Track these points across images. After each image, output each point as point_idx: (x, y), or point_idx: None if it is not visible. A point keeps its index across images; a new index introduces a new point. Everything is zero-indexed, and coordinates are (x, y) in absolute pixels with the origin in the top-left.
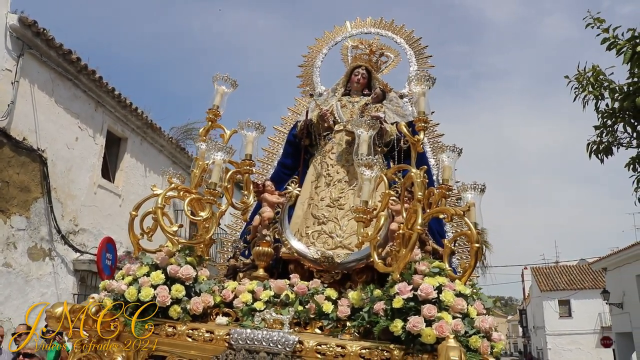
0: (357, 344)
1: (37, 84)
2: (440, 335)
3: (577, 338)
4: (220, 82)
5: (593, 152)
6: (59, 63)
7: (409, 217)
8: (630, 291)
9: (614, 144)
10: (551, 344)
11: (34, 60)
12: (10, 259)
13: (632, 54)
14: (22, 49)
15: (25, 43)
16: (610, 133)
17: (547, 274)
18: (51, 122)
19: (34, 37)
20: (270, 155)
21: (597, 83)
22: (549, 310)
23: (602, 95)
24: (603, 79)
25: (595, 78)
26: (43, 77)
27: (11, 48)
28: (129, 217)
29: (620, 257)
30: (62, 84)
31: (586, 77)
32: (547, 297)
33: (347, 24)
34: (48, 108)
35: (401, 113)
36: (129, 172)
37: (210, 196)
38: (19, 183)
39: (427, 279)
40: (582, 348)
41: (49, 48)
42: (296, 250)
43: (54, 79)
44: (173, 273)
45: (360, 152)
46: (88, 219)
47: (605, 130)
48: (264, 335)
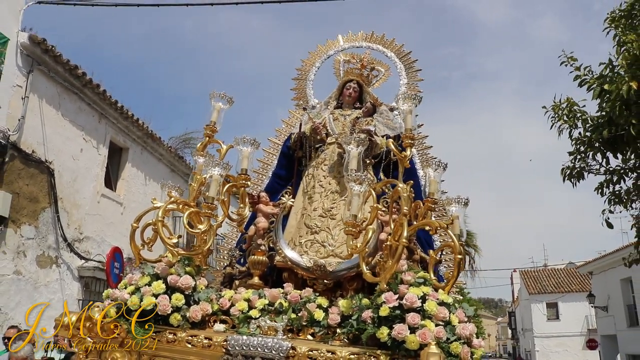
0: (347, 349)
1: (45, 99)
2: (423, 342)
3: (565, 340)
4: (217, 99)
5: (567, 177)
6: (66, 78)
7: (395, 230)
8: (615, 295)
9: (585, 170)
10: (539, 346)
11: (42, 76)
12: (20, 266)
13: (600, 90)
14: (32, 66)
15: (34, 60)
16: (582, 159)
17: (535, 277)
18: (58, 135)
19: (42, 54)
20: (265, 166)
21: (571, 114)
22: (537, 312)
23: (575, 125)
24: (577, 110)
25: (570, 109)
26: (50, 92)
27: (21, 65)
28: (130, 226)
29: (606, 262)
30: (68, 97)
31: (561, 107)
32: (535, 299)
33: (340, 37)
34: (55, 121)
35: (391, 126)
36: (130, 181)
37: (208, 210)
38: (28, 194)
39: (411, 289)
40: (569, 350)
41: (57, 64)
42: (290, 259)
43: (61, 93)
44: (173, 283)
45: (350, 167)
46: (92, 227)
47: (578, 156)
48: (259, 342)
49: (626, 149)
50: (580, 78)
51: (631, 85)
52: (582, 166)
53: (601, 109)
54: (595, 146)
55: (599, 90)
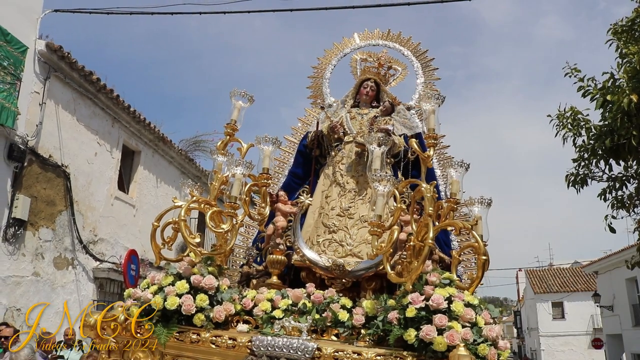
0: (373, 350)
1: (61, 104)
2: (451, 344)
3: (570, 339)
4: (237, 97)
5: (571, 183)
6: (81, 83)
7: (419, 230)
8: (620, 294)
9: (588, 176)
10: (544, 345)
11: (58, 82)
12: (38, 268)
13: (603, 101)
14: (49, 72)
15: (51, 66)
16: (586, 166)
17: (540, 276)
18: (73, 139)
19: (58, 61)
20: (281, 165)
21: (575, 122)
22: (542, 312)
23: (579, 133)
24: (580, 118)
25: (573, 118)
26: (66, 97)
27: (39, 72)
28: (142, 226)
29: (611, 261)
30: (83, 102)
31: (565, 116)
32: (540, 299)
33: (356, 36)
34: (71, 126)
35: (409, 125)
36: (142, 183)
37: (231, 209)
38: (45, 197)
39: (437, 290)
40: (574, 349)
41: (72, 70)
42: (308, 258)
43: (76, 99)
44: (196, 283)
45: (374, 167)
46: (106, 229)
47: (582, 163)
48: (285, 342)
49: (628, 157)
50: (583, 89)
51: (632, 98)
52: (586, 173)
53: (604, 119)
54: (598, 154)
55: (601, 100)
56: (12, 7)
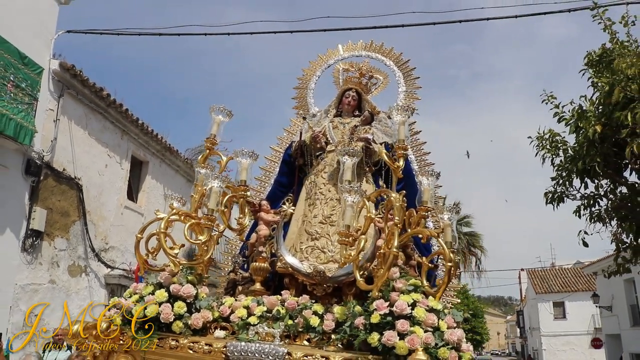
0: (340, 355)
1: (73, 120)
2: (411, 347)
3: (571, 339)
4: (217, 112)
5: (549, 201)
6: (92, 99)
7: (388, 238)
8: (619, 295)
9: (564, 194)
10: (546, 345)
11: (71, 99)
12: (54, 276)
13: (576, 127)
14: (62, 90)
15: (64, 84)
16: (563, 184)
17: (542, 276)
18: (85, 153)
19: (71, 79)
20: (267, 174)
21: (553, 144)
22: (544, 311)
23: (557, 153)
24: (558, 140)
25: (551, 140)
26: (78, 113)
27: (53, 90)
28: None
29: (609, 262)
30: (94, 117)
31: (544, 138)
32: (542, 299)
33: (340, 47)
34: (82, 140)
35: (389, 133)
36: (149, 192)
37: (208, 221)
38: (60, 209)
39: (402, 296)
40: (576, 349)
41: (84, 87)
42: (290, 265)
43: (87, 114)
44: (175, 291)
45: (345, 178)
46: (116, 237)
47: (560, 180)
48: (257, 348)
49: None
50: (558, 115)
51: (596, 128)
52: (562, 190)
53: (577, 142)
54: (573, 173)
55: (574, 126)
56: (28, 30)
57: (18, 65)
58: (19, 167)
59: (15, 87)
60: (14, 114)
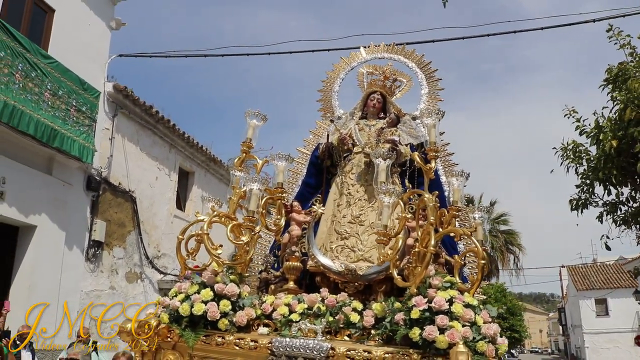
0: (382, 349)
1: (126, 137)
2: (451, 341)
3: (615, 336)
4: (251, 116)
5: (574, 207)
6: (142, 117)
7: (423, 238)
8: None
9: (589, 201)
10: (589, 343)
11: (124, 117)
12: (114, 282)
13: (597, 140)
14: (116, 110)
15: (117, 104)
16: (587, 191)
17: (583, 273)
18: (137, 167)
19: (124, 99)
20: (295, 175)
21: (576, 154)
22: (585, 309)
23: (581, 162)
24: (581, 150)
25: (574, 150)
26: (130, 130)
27: (108, 110)
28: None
29: None
30: (144, 133)
31: (568, 149)
32: (583, 296)
33: (362, 50)
34: (135, 155)
35: (414, 134)
36: (196, 201)
37: (249, 222)
38: (117, 220)
39: (439, 293)
40: (620, 347)
41: (135, 106)
42: (322, 264)
43: (138, 130)
44: (220, 290)
45: (380, 180)
46: (167, 245)
47: (584, 187)
48: (302, 343)
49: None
50: (580, 128)
51: (612, 143)
52: (586, 197)
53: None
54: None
55: (595, 139)
56: (84, 55)
57: (79, 91)
58: (80, 183)
59: (77, 111)
60: (77, 136)
